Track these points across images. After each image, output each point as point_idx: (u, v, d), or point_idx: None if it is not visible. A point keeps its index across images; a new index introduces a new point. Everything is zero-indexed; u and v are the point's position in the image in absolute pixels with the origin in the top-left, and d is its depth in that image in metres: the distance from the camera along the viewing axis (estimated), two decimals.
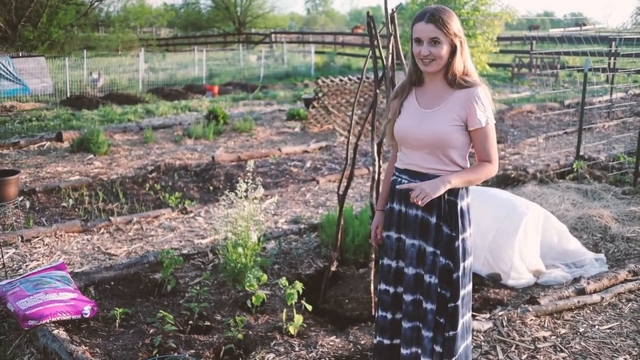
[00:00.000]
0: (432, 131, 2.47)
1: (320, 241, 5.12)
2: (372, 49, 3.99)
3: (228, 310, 3.93)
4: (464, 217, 2.56)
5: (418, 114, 2.55)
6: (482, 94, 2.45)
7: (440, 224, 2.53)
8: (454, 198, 2.53)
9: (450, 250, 2.53)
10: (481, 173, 2.51)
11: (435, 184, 2.42)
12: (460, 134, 2.48)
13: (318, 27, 66.59)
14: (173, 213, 5.95)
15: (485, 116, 2.45)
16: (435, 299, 2.55)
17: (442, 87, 2.52)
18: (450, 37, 2.42)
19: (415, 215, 2.58)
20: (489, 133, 2.47)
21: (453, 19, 2.43)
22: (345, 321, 3.92)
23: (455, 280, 2.53)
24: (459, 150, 2.51)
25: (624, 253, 4.84)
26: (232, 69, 21.90)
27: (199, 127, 10.21)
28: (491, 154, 2.49)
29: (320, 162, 8.29)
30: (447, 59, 2.46)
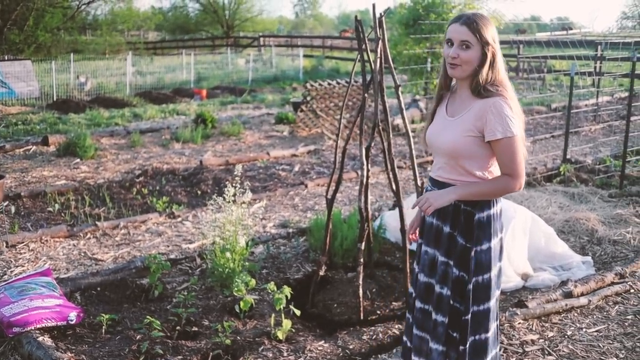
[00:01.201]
0: (447, 140, 2.44)
1: (308, 245, 5.11)
2: (361, 53, 3.98)
3: (216, 316, 3.90)
4: (482, 229, 2.47)
5: (444, 121, 2.52)
6: (501, 104, 2.33)
7: (455, 234, 2.49)
8: (471, 209, 2.46)
9: (464, 262, 2.48)
10: (497, 187, 2.41)
11: (441, 194, 2.42)
12: (476, 145, 2.40)
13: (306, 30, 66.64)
14: (160, 218, 5.91)
15: (503, 128, 2.32)
16: (447, 311, 2.51)
17: (467, 95, 2.45)
18: (482, 44, 2.35)
19: (431, 223, 2.59)
20: (508, 146, 2.33)
21: (489, 27, 2.36)
22: (334, 325, 3.90)
23: (468, 292, 2.47)
24: (477, 161, 2.43)
25: (610, 256, 4.86)
26: (221, 73, 21.84)
27: (187, 131, 10.17)
28: (512, 167, 2.36)
29: (308, 166, 8.28)
30: (475, 66, 2.38)
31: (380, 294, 4.29)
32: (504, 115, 2.31)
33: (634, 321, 3.80)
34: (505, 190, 2.41)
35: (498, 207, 2.52)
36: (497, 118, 2.31)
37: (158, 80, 19.09)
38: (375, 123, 4.01)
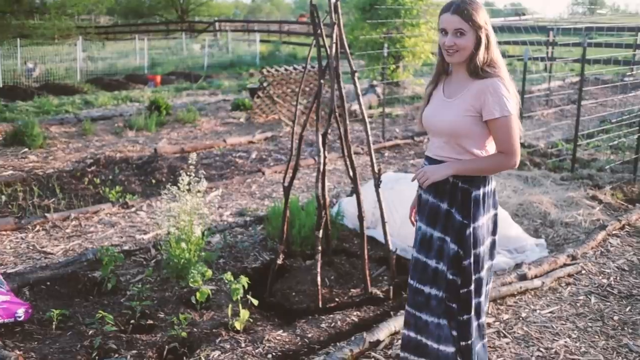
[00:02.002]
0: (447, 120, 2.52)
1: (266, 234, 5.05)
2: (316, 38, 3.93)
3: (172, 308, 3.82)
4: (478, 206, 2.56)
5: (441, 102, 2.59)
6: (498, 85, 2.42)
7: (452, 210, 2.57)
8: (468, 186, 2.54)
9: (461, 238, 2.55)
10: (493, 163, 2.50)
11: (439, 167, 2.52)
12: (474, 125, 2.47)
13: (263, 15, 65.94)
14: (113, 208, 5.75)
15: (500, 107, 2.40)
16: (443, 285, 2.60)
17: (464, 77, 2.52)
18: (476, 29, 2.42)
19: (426, 200, 2.66)
20: (504, 124, 2.42)
21: (479, 11, 2.43)
22: (293, 314, 3.86)
23: (467, 267, 2.55)
24: (475, 140, 2.51)
25: (562, 238, 4.97)
26: (175, 58, 21.45)
27: (140, 119, 9.93)
28: (508, 145, 2.45)
29: (266, 153, 8.19)
30: (471, 50, 2.45)
31: (339, 281, 4.28)
32: (501, 95, 2.40)
33: (585, 301, 3.89)
34: (501, 166, 2.52)
35: (492, 185, 2.64)
36: (495, 98, 2.40)
37: (110, 66, 18.62)
38: (331, 109, 3.97)
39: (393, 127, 10.07)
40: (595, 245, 4.74)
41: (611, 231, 4.98)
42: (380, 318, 3.70)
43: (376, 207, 5.00)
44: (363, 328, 3.54)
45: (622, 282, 4.18)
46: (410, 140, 8.79)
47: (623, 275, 4.27)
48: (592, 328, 3.56)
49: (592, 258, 4.55)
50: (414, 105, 12.14)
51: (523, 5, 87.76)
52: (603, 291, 4.04)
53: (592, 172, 6.66)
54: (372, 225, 5.06)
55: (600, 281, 4.18)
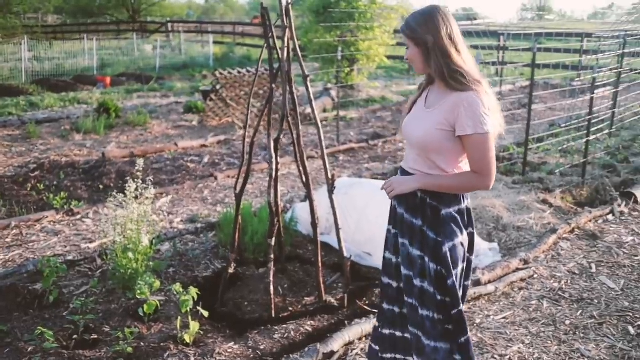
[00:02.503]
0: (418, 131, 2.40)
1: (218, 241, 4.92)
2: (267, 41, 3.83)
3: (118, 321, 3.66)
4: (449, 225, 2.40)
5: (419, 112, 2.48)
6: (474, 99, 2.26)
7: (424, 228, 2.43)
8: (437, 203, 2.41)
9: (437, 256, 2.40)
10: (464, 182, 2.36)
11: (406, 180, 2.44)
12: (446, 140, 2.33)
13: (217, 16, 65.27)
14: (58, 215, 5.51)
15: (474, 124, 2.25)
16: (435, 306, 2.42)
17: (443, 88, 2.38)
18: (415, 41, 2.36)
19: (402, 215, 2.52)
20: (478, 142, 2.27)
21: (422, 21, 2.35)
22: (245, 325, 3.75)
23: (452, 286, 2.39)
24: (446, 156, 2.38)
25: (515, 242, 5.01)
26: (126, 59, 20.94)
27: (88, 121, 9.61)
28: (481, 165, 2.30)
29: (218, 157, 8.03)
30: (424, 61, 2.38)
31: (293, 289, 4.19)
32: (476, 110, 2.26)
33: (537, 306, 3.91)
34: (472, 187, 2.37)
35: (465, 203, 2.47)
36: (469, 113, 2.26)
37: (58, 66, 18.03)
38: (284, 114, 3.88)
39: (348, 130, 10.05)
40: (547, 249, 4.79)
41: (562, 235, 5.05)
42: (335, 328, 3.62)
43: (330, 212, 4.93)
44: (317, 339, 3.46)
45: (572, 285, 4.22)
46: (364, 144, 8.77)
47: (574, 279, 4.32)
48: (544, 333, 3.57)
49: (543, 262, 4.60)
50: (369, 108, 12.16)
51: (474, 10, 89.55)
52: (555, 295, 4.07)
53: (543, 176, 6.77)
54: (327, 231, 4.99)
55: (551, 285, 4.22)
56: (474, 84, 2.28)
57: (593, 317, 3.76)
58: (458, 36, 2.35)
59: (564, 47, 15.54)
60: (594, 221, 5.45)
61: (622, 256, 4.72)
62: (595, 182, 6.46)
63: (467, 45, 2.39)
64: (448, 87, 2.33)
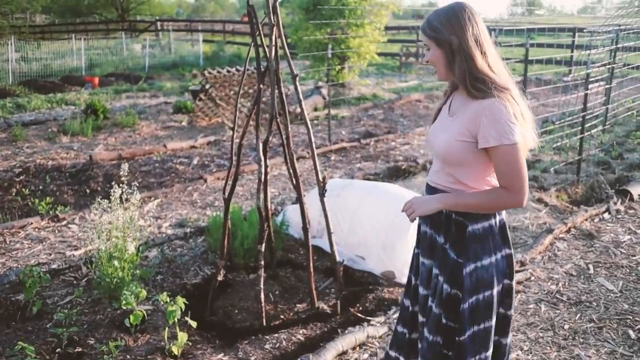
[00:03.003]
0: (440, 141, 2.21)
1: (207, 246, 4.80)
2: (255, 40, 3.71)
3: (103, 332, 3.53)
4: (478, 243, 2.18)
5: (443, 120, 2.28)
6: (497, 106, 2.03)
7: (446, 247, 2.25)
8: (462, 219, 2.19)
9: (456, 278, 2.21)
10: (492, 199, 2.11)
11: (426, 200, 2.22)
12: (468, 152, 2.12)
13: (207, 14, 64.92)
14: (43, 221, 5.36)
15: (498, 134, 2.02)
16: (440, 330, 2.27)
17: (465, 95, 2.17)
18: (437, 42, 2.14)
19: (425, 232, 2.35)
20: (505, 154, 2.03)
21: (445, 20, 2.13)
22: (235, 334, 3.64)
23: (462, 312, 2.19)
24: (469, 170, 2.17)
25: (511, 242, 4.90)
26: (115, 59, 20.72)
27: (76, 123, 9.45)
28: (510, 179, 2.05)
29: (208, 159, 7.90)
30: (447, 64, 2.16)
31: (284, 296, 4.08)
32: (500, 119, 2.03)
33: (535, 310, 3.82)
34: (501, 205, 2.12)
35: (498, 219, 2.22)
36: (492, 122, 2.03)
37: (45, 67, 17.80)
38: (272, 114, 3.77)
39: (339, 129, 9.93)
40: (543, 250, 4.70)
41: (558, 235, 4.96)
42: (328, 336, 3.51)
43: (322, 215, 4.83)
44: (309, 348, 3.35)
45: (570, 288, 4.13)
46: (356, 143, 8.65)
47: (571, 281, 4.23)
48: (543, 339, 3.47)
49: (540, 263, 4.50)
50: (360, 106, 12.05)
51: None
52: (552, 298, 3.97)
53: (537, 174, 6.68)
54: (319, 234, 4.88)
55: (549, 288, 4.12)
56: (497, 91, 2.05)
57: (592, 321, 3.66)
58: (485, 37, 2.12)
59: (556, 43, 15.49)
60: (590, 220, 5.37)
61: (620, 256, 4.64)
62: (590, 179, 6.38)
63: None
64: (469, 95, 2.12)
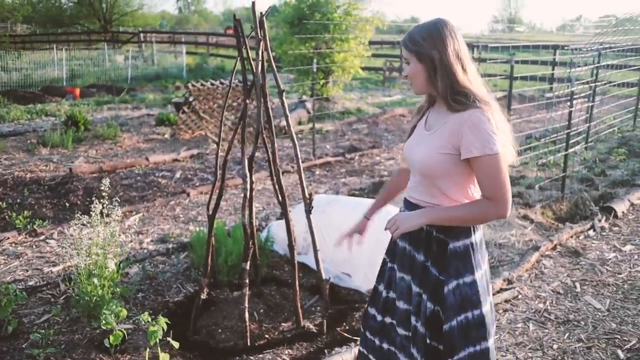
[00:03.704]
0: (420, 155, 2.21)
1: (190, 262, 4.70)
2: (241, 55, 3.65)
3: (82, 353, 3.42)
4: (459, 260, 2.18)
5: (420, 135, 2.28)
6: (478, 117, 2.05)
7: (427, 264, 2.23)
8: (444, 236, 2.19)
9: (438, 296, 2.19)
10: (476, 211, 2.10)
11: (410, 216, 2.17)
12: (451, 164, 2.13)
13: (191, 27, 64.84)
14: (19, 236, 5.22)
15: (481, 145, 2.03)
16: (426, 351, 2.22)
17: (443, 109, 2.18)
18: (418, 56, 2.15)
19: (403, 248, 2.33)
20: (487, 165, 2.04)
21: (428, 38, 2.14)
22: (218, 354, 3.55)
23: (448, 332, 2.17)
24: (452, 182, 2.17)
25: (497, 260, 4.88)
26: (97, 70, 20.51)
27: (56, 135, 9.30)
28: (493, 190, 2.06)
29: (191, 172, 7.79)
30: (428, 79, 2.16)
31: (269, 314, 3.99)
32: (482, 129, 2.04)
33: (523, 329, 3.77)
34: (485, 216, 2.12)
35: (478, 235, 2.24)
36: (475, 133, 2.05)
37: (25, 77, 17.56)
38: (258, 129, 3.71)
39: (324, 143, 9.89)
40: (530, 268, 4.67)
41: (544, 252, 4.94)
42: (314, 356, 3.43)
43: (307, 231, 4.75)
44: None
45: (558, 306, 4.10)
46: (341, 157, 8.62)
47: (559, 299, 4.20)
48: (532, 359, 3.42)
49: (527, 281, 4.47)
50: (345, 120, 12.03)
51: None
52: (540, 317, 3.93)
53: (522, 190, 6.68)
54: (304, 250, 4.81)
55: (537, 306, 4.09)
56: (478, 102, 2.08)
57: (581, 341, 3.63)
58: (465, 53, 2.15)
59: (539, 59, 15.67)
60: (575, 237, 5.36)
61: (606, 274, 4.63)
62: (574, 196, 6.39)
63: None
64: (449, 108, 2.13)
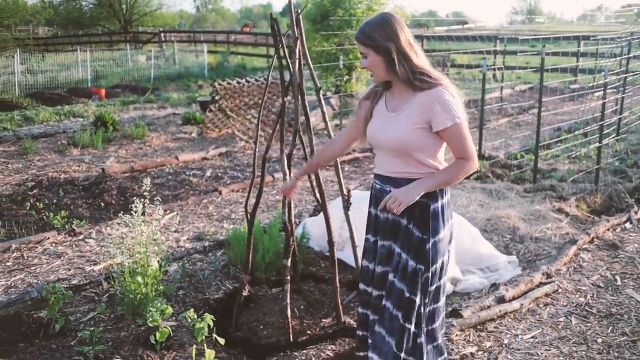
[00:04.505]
0: (394, 135, 2.48)
1: (227, 260, 4.74)
2: (278, 53, 3.68)
3: (129, 350, 3.47)
4: (437, 219, 2.53)
5: (385, 118, 2.57)
6: (443, 93, 2.40)
7: (410, 226, 2.54)
8: (426, 200, 2.50)
9: (420, 254, 2.52)
10: (457, 171, 2.47)
11: (409, 190, 2.44)
12: (424, 136, 2.45)
13: (208, 25, 65.16)
14: (59, 236, 5.32)
15: (451, 115, 2.39)
16: (401, 305, 2.54)
17: (405, 90, 2.50)
18: (374, 49, 2.43)
19: (386, 218, 2.62)
20: (458, 131, 2.41)
21: (380, 30, 2.43)
22: (261, 350, 3.58)
23: (424, 282, 2.53)
24: (427, 151, 2.48)
25: (534, 254, 4.85)
26: (120, 70, 20.72)
27: (85, 135, 9.42)
28: (465, 150, 2.44)
29: (221, 170, 7.85)
30: (384, 68, 2.46)
31: (309, 310, 4.02)
32: (448, 102, 2.39)
33: (566, 323, 3.75)
34: (465, 172, 2.48)
35: (448, 196, 2.62)
36: (443, 107, 2.39)
37: (51, 79, 17.80)
38: (296, 128, 3.73)
39: None
40: (568, 261, 4.64)
41: (581, 245, 4.90)
42: (356, 351, 3.45)
43: (342, 227, 4.78)
44: None
45: (599, 300, 4.07)
46: (369, 153, 8.62)
47: (599, 293, 4.17)
48: (577, 353, 3.41)
49: (566, 275, 4.44)
50: None
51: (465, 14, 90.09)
52: (582, 311, 3.91)
53: (554, 183, 6.63)
54: (339, 247, 4.83)
55: (577, 300, 4.06)
56: (439, 80, 2.43)
57: (625, 334, 3.60)
58: (414, 40, 2.48)
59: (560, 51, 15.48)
60: (612, 230, 5.31)
61: None
62: (608, 188, 6.33)
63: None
64: (415, 88, 2.44)
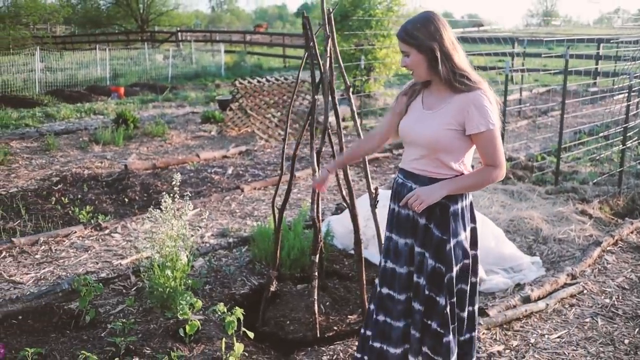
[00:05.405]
0: (426, 133, 2.47)
1: (252, 256, 4.79)
2: (309, 52, 3.72)
3: (158, 342, 3.52)
4: (457, 221, 2.52)
5: (420, 114, 2.55)
6: (481, 97, 2.38)
7: (430, 225, 2.52)
8: (446, 201, 2.48)
9: (441, 254, 2.50)
10: (483, 178, 2.46)
11: (432, 190, 2.44)
12: (455, 139, 2.43)
13: (224, 25, 65.43)
14: (86, 230, 5.39)
15: (486, 121, 2.37)
16: (423, 300, 2.55)
17: (444, 90, 2.47)
18: (418, 47, 2.40)
19: (407, 215, 2.60)
20: (491, 137, 2.39)
21: (423, 29, 2.40)
22: (289, 345, 3.62)
23: (448, 283, 2.50)
24: (454, 154, 2.46)
25: (557, 255, 4.85)
26: (138, 69, 20.87)
27: (107, 132, 9.53)
28: (494, 157, 2.42)
29: (242, 168, 7.91)
30: (426, 67, 2.44)
31: (335, 307, 4.06)
32: (485, 108, 2.38)
33: (592, 324, 3.76)
34: (490, 180, 2.47)
35: (470, 199, 2.61)
36: (481, 111, 2.37)
37: (70, 77, 17.98)
38: (326, 126, 3.78)
39: None
40: (592, 263, 4.64)
41: (606, 247, 4.89)
42: None
43: (367, 225, 4.82)
44: None
45: (625, 301, 4.07)
46: (389, 153, 8.65)
47: (625, 295, 4.17)
48: (604, 354, 3.41)
49: (591, 276, 4.44)
50: None
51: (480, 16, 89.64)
52: (608, 312, 3.91)
53: (576, 185, 6.61)
54: (364, 245, 4.83)
55: (603, 301, 4.06)
56: (478, 84, 2.41)
57: None
58: (456, 40, 2.45)
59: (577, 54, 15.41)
60: (636, 232, 5.30)
61: None
62: (631, 191, 6.30)
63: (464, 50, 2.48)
64: (454, 90, 2.41)
